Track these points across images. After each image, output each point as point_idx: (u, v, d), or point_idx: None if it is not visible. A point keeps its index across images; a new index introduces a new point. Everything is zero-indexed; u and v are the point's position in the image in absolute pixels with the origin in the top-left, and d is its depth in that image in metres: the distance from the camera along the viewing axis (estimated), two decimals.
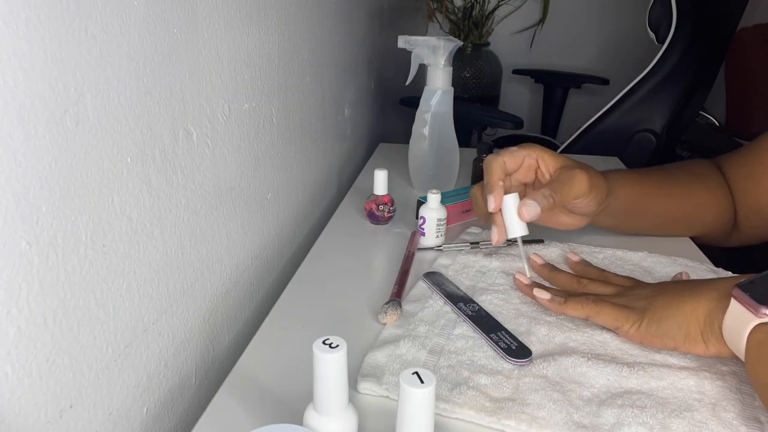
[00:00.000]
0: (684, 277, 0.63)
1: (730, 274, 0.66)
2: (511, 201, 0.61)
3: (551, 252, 0.72)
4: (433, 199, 0.74)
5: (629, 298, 0.55)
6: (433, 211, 0.74)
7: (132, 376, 0.45)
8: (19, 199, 0.32)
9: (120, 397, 0.43)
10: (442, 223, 0.75)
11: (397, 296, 0.61)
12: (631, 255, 0.71)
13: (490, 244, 0.62)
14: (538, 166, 0.66)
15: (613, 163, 1.19)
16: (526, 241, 0.75)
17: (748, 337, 0.44)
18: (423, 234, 0.75)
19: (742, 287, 0.45)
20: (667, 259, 0.70)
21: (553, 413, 0.45)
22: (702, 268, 0.68)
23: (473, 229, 0.80)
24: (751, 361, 0.44)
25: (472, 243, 0.74)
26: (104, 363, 0.41)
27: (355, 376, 0.49)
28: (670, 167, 0.78)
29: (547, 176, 0.65)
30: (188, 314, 0.53)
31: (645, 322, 0.52)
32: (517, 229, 0.61)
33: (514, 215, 0.61)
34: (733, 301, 0.46)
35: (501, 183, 0.62)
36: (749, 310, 0.44)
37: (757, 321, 0.44)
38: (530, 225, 0.62)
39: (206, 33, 0.52)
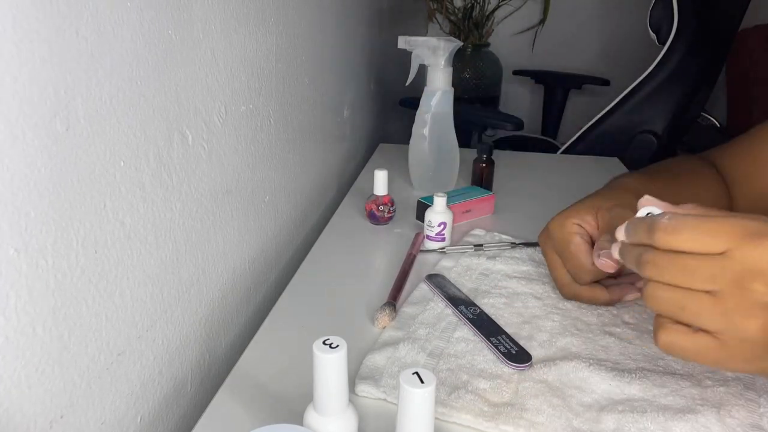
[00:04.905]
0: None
1: None
2: None
3: None
4: (441, 202, 0.73)
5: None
6: (443, 214, 0.73)
7: (125, 384, 0.44)
8: (7, 205, 0.31)
9: (112, 406, 0.43)
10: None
11: (392, 299, 0.60)
12: None
13: (494, 246, 0.60)
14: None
15: (613, 163, 1.18)
16: (531, 244, 0.74)
17: None
18: (443, 239, 0.74)
19: None
20: None
21: (552, 419, 0.44)
22: None
23: (477, 231, 0.79)
24: None
25: (475, 245, 0.73)
26: (96, 372, 0.40)
27: (353, 378, 0.48)
28: (670, 168, 0.76)
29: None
30: (183, 320, 0.52)
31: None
32: None
33: None
34: None
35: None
36: None
37: None
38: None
39: (202, 34, 0.51)
